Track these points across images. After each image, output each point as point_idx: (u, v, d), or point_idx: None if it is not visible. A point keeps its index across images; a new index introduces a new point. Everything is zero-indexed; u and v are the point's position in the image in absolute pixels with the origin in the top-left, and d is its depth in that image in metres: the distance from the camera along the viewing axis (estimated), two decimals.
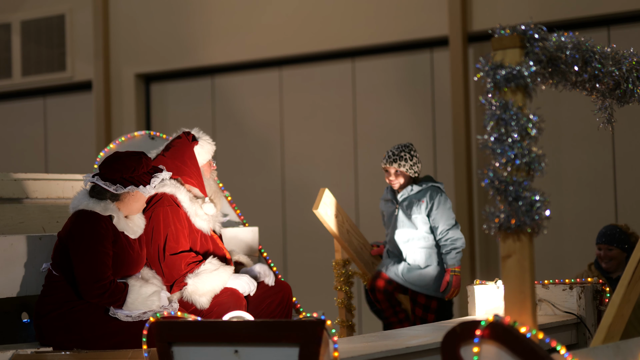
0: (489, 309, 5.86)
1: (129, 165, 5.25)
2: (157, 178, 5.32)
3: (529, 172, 3.85)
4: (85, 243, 5.09)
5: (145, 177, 5.27)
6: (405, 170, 6.42)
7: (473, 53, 9.85)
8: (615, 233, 6.88)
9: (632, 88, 4.61)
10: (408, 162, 6.41)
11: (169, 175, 5.48)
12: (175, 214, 5.60)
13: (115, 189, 5.20)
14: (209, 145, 5.84)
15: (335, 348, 3.91)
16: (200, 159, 5.78)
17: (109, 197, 5.23)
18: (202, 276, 5.50)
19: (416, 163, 6.42)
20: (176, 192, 5.67)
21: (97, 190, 5.24)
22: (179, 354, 4.10)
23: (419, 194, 6.41)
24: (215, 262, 5.60)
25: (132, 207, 5.32)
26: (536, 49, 3.92)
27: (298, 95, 10.75)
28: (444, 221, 6.35)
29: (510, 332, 3.65)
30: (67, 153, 11.77)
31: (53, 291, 5.17)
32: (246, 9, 10.90)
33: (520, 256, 3.85)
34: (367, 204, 10.30)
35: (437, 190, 6.41)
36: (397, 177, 6.46)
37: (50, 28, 11.80)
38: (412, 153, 6.42)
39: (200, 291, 5.49)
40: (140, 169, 5.27)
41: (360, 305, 9.21)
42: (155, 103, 11.56)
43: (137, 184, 5.24)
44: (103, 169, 5.26)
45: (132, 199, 5.28)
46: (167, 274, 5.52)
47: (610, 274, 6.90)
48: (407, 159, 6.41)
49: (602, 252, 6.93)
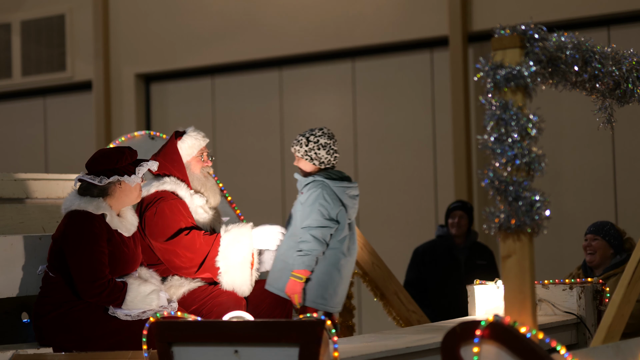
0: (489, 309, 5.86)
1: (112, 157, 5.25)
2: (142, 167, 5.31)
3: (529, 172, 3.85)
4: (80, 243, 5.08)
5: (129, 168, 5.27)
6: (300, 156, 5.71)
7: (473, 53, 9.85)
8: (605, 225, 6.51)
9: (632, 88, 4.61)
10: (303, 147, 5.66)
11: (155, 165, 5.47)
12: (182, 205, 5.64)
13: (100, 180, 5.19)
14: (194, 140, 5.81)
15: (335, 348, 3.92)
16: (184, 154, 5.78)
17: (97, 193, 5.21)
18: (227, 250, 5.57)
19: (313, 149, 5.65)
20: (176, 189, 5.69)
21: (84, 187, 5.24)
22: (179, 354, 4.10)
23: (303, 186, 5.72)
24: (231, 232, 5.63)
25: (123, 201, 5.29)
26: (536, 49, 3.92)
27: (298, 95, 10.75)
28: (304, 219, 5.63)
29: (510, 332, 3.65)
30: (67, 153, 11.77)
31: (51, 292, 5.16)
32: (246, 9, 10.90)
33: (520, 256, 3.85)
34: (367, 204, 10.29)
35: (319, 186, 5.64)
36: (296, 161, 5.76)
37: (50, 28, 11.80)
38: (311, 138, 5.66)
39: (233, 269, 5.56)
40: (124, 160, 5.26)
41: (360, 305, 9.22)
42: (155, 103, 11.56)
43: (122, 173, 5.23)
44: (88, 165, 5.28)
45: (121, 192, 5.26)
46: (182, 255, 5.54)
47: (594, 269, 6.52)
48: (302, 143, 5.67)
49: (586, 242, 6.52)
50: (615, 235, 6.47)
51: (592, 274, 6.50)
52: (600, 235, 6.47)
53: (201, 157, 5.84)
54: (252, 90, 10.97)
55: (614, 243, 6.46)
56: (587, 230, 6.58)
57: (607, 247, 6.47)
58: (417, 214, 10.12)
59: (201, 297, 5.58)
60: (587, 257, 6.52)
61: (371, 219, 10.20)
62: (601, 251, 6.47)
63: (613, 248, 6.48)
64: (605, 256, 6.48)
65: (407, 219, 10.16)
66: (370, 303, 9.04)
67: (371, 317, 9.79)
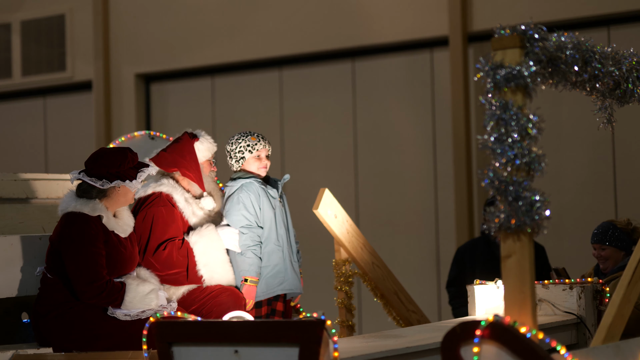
0: (489, 309, 5.86)
1: (114, 160, 5.23)
2: (143, 173, 5.31)
3: (529, 172, 3.85)
4: (77, 245, 5.07)
5: (131, 172, 5.26)
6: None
7: (473, 53, 9.85)
8: (607, 230, 6.35)
9: (632, 88, 4.60)
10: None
11: (156, 170, 5.47)
12: (169, 214, 5.61)
13: (102, 184, 5.18)
14: (209, 144, 5.87)
15: (335, 348, 3.92)
16: (200, 156, 5.80)
17: (95, 195, 5.21)
18: (205, 258, 5.59)
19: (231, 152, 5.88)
20: (172, 192, 5.68)
21: (83, 189, 5.22)
22: (179, 354, 4.11)
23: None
24: (201, 238, 5.65)
25: (119, 202, 5.28)
26: (536, 49, 3.92)
27: (298, 95, 10.76)
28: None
29: (510, 332, 3.65)
30: (67, 153, 11.77)
31: (50, 293, 5.16)
32: (246, 9, 10.90)
33: (520, 256, 3.85)
34: (367, 204, 10.30)
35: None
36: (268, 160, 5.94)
37: (50, 28, 11.80)
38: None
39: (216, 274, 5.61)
40: (126, 164, 5.25)
41: (360, 305, 9.22)
42: (155, 103, 11.56)
43: (124, 178, 5.22)
44: (89, 165, 5.25)
45: (119, 194, 5.26)
46: (163, 269, 5.54)
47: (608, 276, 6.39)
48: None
49: (595, 252, 6.42)
50: (621, 237, 6.34)
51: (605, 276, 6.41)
52: (606, 243, 6.35)
53: (212, 162, 5.89)
54: (252, 90, 10.97)
55: (621, 245, 6.33)
56: (592, 239, 6.42)
57: (616, 252, 6.34)
58: (417, 214, 10.12)
59: (201, 297, 5.58)
60: (600, 265, 6.41)
61: (371, 219, 10.20)
62: (612, 258, 6.35)
63: (623, 250, 6.34)
64: (617, 260, 6.34)
65: (407, 219, 10.16)
66: (370, 303, 9.04)
67: (371, 317, 9.79)
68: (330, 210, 6.48)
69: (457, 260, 8.00)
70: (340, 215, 6.56)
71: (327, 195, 6.50)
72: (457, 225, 9.75)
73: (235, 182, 5.83)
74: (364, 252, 6.72)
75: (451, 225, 9.89)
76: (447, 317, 9.04)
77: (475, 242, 8.00)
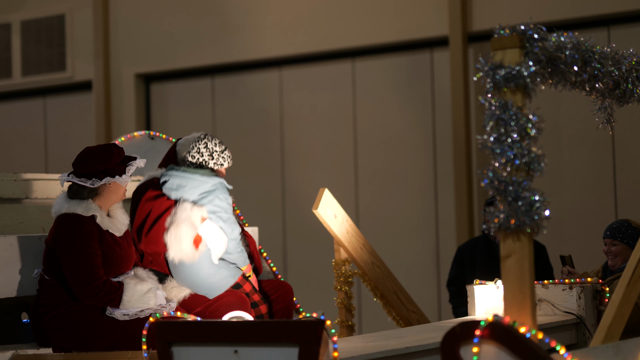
0: (488, 309, 5.86)
1: (101, 157, 5.22)
2: (132, 166, 5.30)
3: (528, 172, 3.85)
4: (72, 246, 5.07)
5: (119, 167, 5.25)
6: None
7: (473, 53, 9.85)
8: (621, 227, 6.35)
9: (632, 88, 4.60)
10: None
11: (144, 162, 5.48)
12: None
13: (92, 183, 5.17)
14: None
15: (335, 348, 3.92)
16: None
17: (87, 195, 5.20)
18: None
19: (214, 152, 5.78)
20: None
21: (74, 190, 5.22)
22: (179, 354, 4.11)
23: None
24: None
25: (111, 199, 5.27)
26: (536, 49, 3.92)
27: (298, 95, 10.76)
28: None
29: (510, 332, 3.65)
30: (67, 153, 11.70)
31: (48, 294, 5.15)
32: (246, 9, 10.90)
33: (519, 256, 3.85)
34: (367, 204, 10.30)
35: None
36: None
37: (50, 28, 11.80)
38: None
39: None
40: (114, 160, 5.24)
41: (360, 305, 9.22)
42: (155, 103, 11.56)
43: (113, 174, 5.21)
44: (77, 166, 5.24)
45: (110, 191, 5.25)
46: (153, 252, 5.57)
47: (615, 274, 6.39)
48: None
49: (606, 247, 6.40)
50: (634, 236, 6.31)
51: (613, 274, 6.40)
52: (618, 239, 6.34)
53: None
54: (252, 90, 10.97)
55: (633, 244, 6.25)
56: (604, 234, 6.42)
57: (627, 249, 6.31)
58: (417, 214, 10.12)
59: (205, 299, 5.58)
60: (609, 262, 6.41)
61: (371, 219, 10.20)
62: (622, 255, 6.34)
63: (633, 248, 6.32)
64: (626, 258, 6.24)
65: (406, 219, 10.16)
66: (370, 303, 9.04)
67: (371, 317, 9.79)
68: (330, 210, 6.48)
69: (457, 259, 7.99)
70: (340, 215, 6.56)
71: (327, 195, 6.50)
72: (457, 225, 9.75)
73: (210, 179, 5.69)
74: (364, 252, 6.72)
75: (451, 225, 9.89)
76: (447, 317, 9.04)
77: (476, 241, 8.00)
